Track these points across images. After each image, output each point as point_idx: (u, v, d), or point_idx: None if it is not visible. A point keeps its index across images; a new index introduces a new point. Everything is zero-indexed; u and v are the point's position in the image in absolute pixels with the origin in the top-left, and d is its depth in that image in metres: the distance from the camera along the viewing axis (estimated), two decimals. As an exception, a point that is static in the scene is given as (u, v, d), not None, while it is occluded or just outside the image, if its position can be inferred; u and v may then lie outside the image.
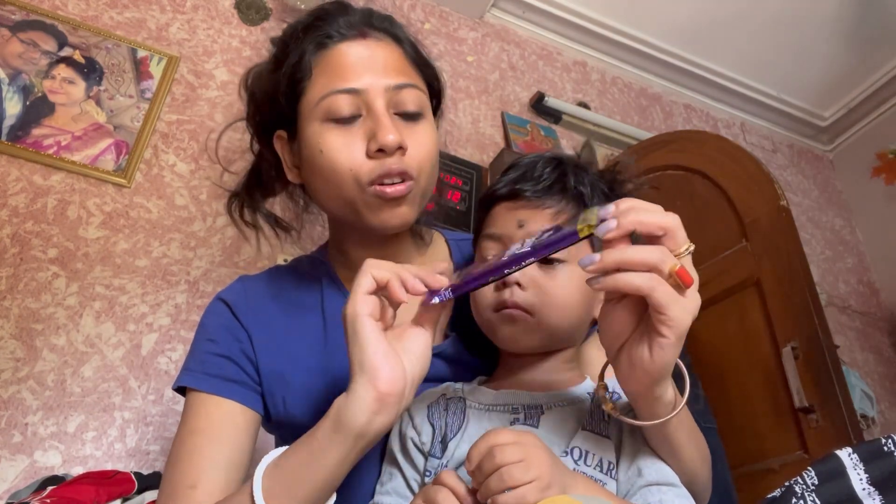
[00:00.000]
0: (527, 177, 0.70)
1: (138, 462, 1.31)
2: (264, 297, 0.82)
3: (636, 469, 0.59)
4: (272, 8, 1.93)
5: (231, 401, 0.73)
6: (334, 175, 0.72)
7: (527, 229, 0.66)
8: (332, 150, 0.72)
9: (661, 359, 0.52)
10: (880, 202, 2.66)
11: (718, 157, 1.55)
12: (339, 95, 0.72)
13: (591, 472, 0.59)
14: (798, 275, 1.31)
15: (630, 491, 0.58)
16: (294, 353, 0.77)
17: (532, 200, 0.68)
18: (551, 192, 0.68)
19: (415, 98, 0.75)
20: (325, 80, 0.74)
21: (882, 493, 0.44)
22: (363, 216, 0.73)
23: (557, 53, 2.45)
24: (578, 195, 0.69)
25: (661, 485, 0.58)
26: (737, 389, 1.38)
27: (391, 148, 0.70)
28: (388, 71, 0.74)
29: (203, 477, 0.66)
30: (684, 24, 2.42)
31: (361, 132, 0.72)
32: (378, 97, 0.72)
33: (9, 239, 1.40)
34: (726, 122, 2.73)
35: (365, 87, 0.72)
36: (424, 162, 0.74)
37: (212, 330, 0.78)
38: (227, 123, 0.96)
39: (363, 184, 0.71)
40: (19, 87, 1.53)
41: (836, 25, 2.41)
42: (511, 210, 0.69)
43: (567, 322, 0.67)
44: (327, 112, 0.72)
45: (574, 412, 0.64)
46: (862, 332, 2.47)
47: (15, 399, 1.28)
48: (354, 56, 0.75)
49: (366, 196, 0.71)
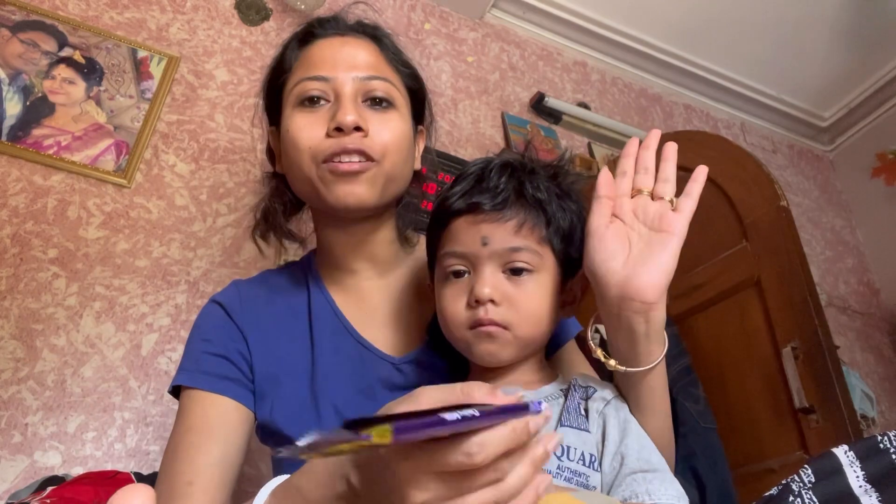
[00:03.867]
0: (482, 188, 0.68)
1: (138, 462, 1.31)
2: (257, 300, 0.83)
3: (619, 458, 0.60)
4: (272, 8, 1.93)
5: (226, 398, 0.73)
6: (296, 153, 0.75)
7: (491, 247, 0.66)
8: (297, 129, 0.75)
9: (665, 262, 0.63)
10: (880, 202, 2.66)
11: (718, 158, 1.54)
12: (309, 81, 0.77)
13: (574, 467, 0.59)
14: (798, 275, 1.30)
15: (616, 480, 0.58)
16: (285, 357, 0.77)
17: (491, 213, 0.67)
18: (510, 203, 0.67)
19: (385, 88, 0.79)
20: (301, 71, 0.79)
21: (878, 489, 0.44)
22: (321, 194, 0.75)
23: (557, 54, 2.45)
24: (537, 202, 0.68)
25: (646, 472, 0.58)
26: (737, 389, 1.38)
27: (348, 127, 0.72)
28: (359, 65, 0.79)
29: (200, 474, 0.67)
30: (685, 24, 2.42)
31: (326, 115, 0.75)
32: (346, 84, 0.76)
33: (9, 239, 1.40)
34: (726, 123, 2.73)
35: (334, 76, 0.77)
36: (388, 147, 0.75)
37: (206, 330, 0.79)
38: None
39: (318, 160, 0.73)
40: (19, 88, 1.53)
41: (837, 26, 2.41)
42: (472, 225, 0.68)
43: (540, 330, 0.68)
44: (297, 96, 0.77)
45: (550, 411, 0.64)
46: (862, 332, 2.47)
47: (15, 399, 1.28)
48: (330, 49, 0.80)
49: (321, 171, 0.73)
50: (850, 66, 2.59)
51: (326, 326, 0.80)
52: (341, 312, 0.82)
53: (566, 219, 0.70)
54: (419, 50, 2.15)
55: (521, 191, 0.68)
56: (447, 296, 0.69)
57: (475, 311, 0.66)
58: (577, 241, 0.71)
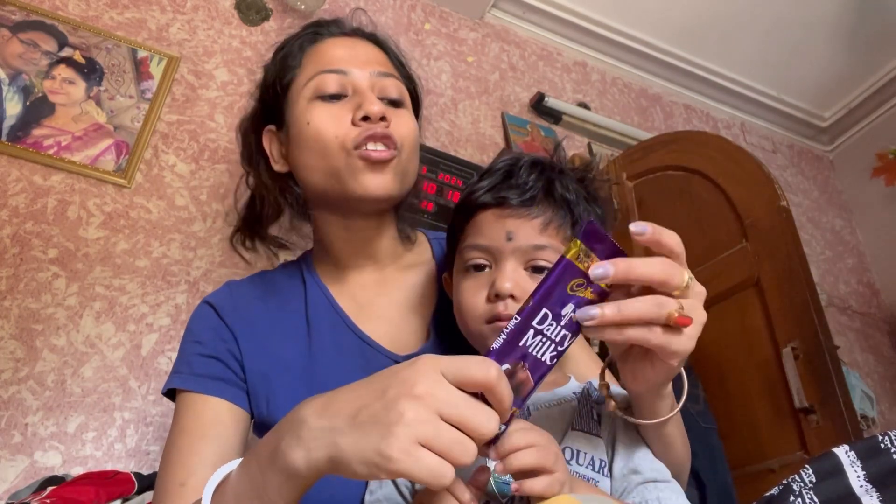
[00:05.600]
0: (511, 183, 0.68)
1: (138, 462, 1.31)
2: (250, 300, 0.83)
3: (632, 467, 0.59)
4: (272, 8, 1.93)
5: (218, 398, 0.73)
6: (320, 143, 0.75)
7: (515, 242, 0.66)
8: (320, 120, 0.76)
9: (665, 372, 0.54)
10: (880, 203, 2.66)
11: (718, 158, 1.54)
12: (328, 75, 0.78)
13: (583, 472, 0.59)
14: (798, 275, 1.30)
15: (627, 488, 0.58)
16: (279, 355, 0.77)
17: (519, 209, 0.66)
18: (538, 201, 0.67)
19: (397, 87, 0.81)
20: (314, 66, 0.80)
21: (880, 489, 0.44)
22: (346, 184, 0.74)
23: (557, 54, 2.45)
24: (565, 202, 0.68)
25: (657, 481, 0.58)
26: (737, 390, 1.38)
27: (376, 116, 0.74)
28: (372, 62, 0.80)
29: (193, 474, 0.67)
30: (684, 24, 2.42)
31: (348, 107, 0.76)
32: (363, 80, 0.78)
33: (9, 239, 1.40)
34: (726, 123, 2.73)
35: (352, 70, 0.78)
36: (406, 139, 0.77)
37: (198, 332, 0.79)
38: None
39: (348, 148, 0.74)
40: (19, 88, 1.53)
41: (837, 26, 2.41)
42: (498, 219, 0.67)
43: None
44: (315, 90, 0.78)
45: (562, 413, 0.64)
46: (862, 332, 2.47)
47: (15, 399, 1.28)
48: (342, 48, 0.81)
49: (351, 160, 0.74)
50: (850, 67, 2.59)
51: (325, 323, 0.80)
52: (341, 309, 0.82)
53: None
54: (419, 50, 2.15)
55: (549, 189, 0.68)
56: (467, 288, 0.69)
57: (494, 306, 0.65)
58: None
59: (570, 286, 0.50)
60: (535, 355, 0.49)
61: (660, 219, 1.81)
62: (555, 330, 0.50)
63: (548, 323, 0.49)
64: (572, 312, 0.50)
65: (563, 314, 0.50)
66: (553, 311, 0.49)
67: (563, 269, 0.50)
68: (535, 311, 0.49)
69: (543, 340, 0.49)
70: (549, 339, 0.49)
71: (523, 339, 0.49)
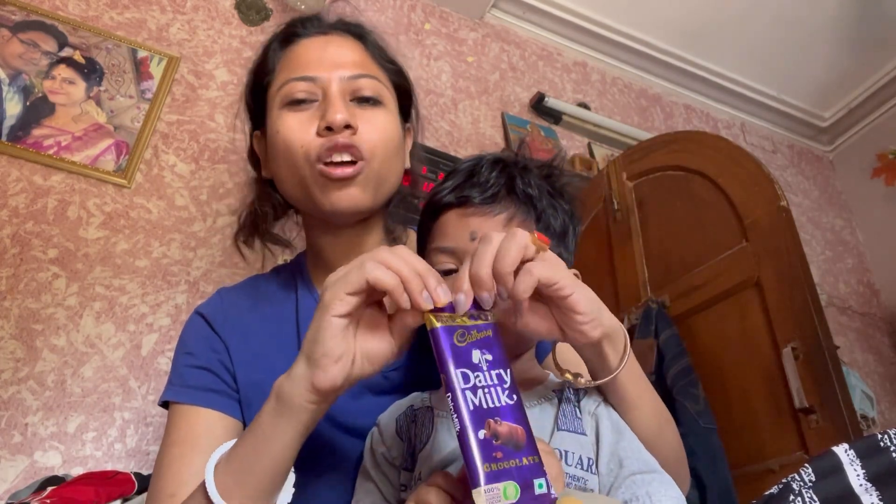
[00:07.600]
0: (473, 182, 0.68)
1: (138, 462, 1.31)
2: (242, 308, 0.82)
3: (617, 460, 0.59)
4: (272, 8, 1.93)
5: (210, 410, 0.73)
6: (288, 153, 0.75)
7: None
8: (287, 129, 0.75)
9: (569, 307, 0.56)
10: (880, 203, 2.67)
11: (718, 158, 1.54)
12: (296, 82, 0.76)
13: (573, 472, 0.59)
14: (798, 275, 1.30)
15: (615, 483, 0.58)
16: (270, 363, 0.77)
17: (481, 207, 0.66)
18: (500, 198, 0.67)
19: (372, 86, 0.78)
20: (286, 72, 0.79)
21: (879, 488, 0.44)
22: (315, 197, 0.74)
23: (557, 54, 2.45)
24: (527, 197, 0.67)
25: (644, 473, 0.57)
26: (737, 390, 1.38)
27: (338, 125, 0.72)
28: (345, 63, 0.78)
29: (183, 486, 0.66)
30: (684, 24, 2.43)
31: (315, 114, 0.75)
32: (333, 83, 0.76)
33: (9, 239, 1.40)
34: (726, 123, 2.73)
35: (320, 75, 0.76)
36: (377, 144, 0.76)
37: (190, 343, 0.79)
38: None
39: (312, 160, 0.73)
40: (19, 88, 1.53)
41: (837, 26, 2.41)
42: (461, 218, 0.67)
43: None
44: (284, 97, 0.77)
45: (545, 413, 0.64)
46: (862, 332, 2.47)
47: (15, 399, 1.28)
48: (314, 49, 0.79)
49: (314, 173, 0.73)
50: (850, 66, 2.59)
51: None
52: None
53: (558, 217, 0.69)
54: (419, 50, 2.15)
55: (511, 186, 0.67)
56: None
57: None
58: (569, 241, 0.70)
59: (455, 341, 0.50)
60: (494, 405, 0.48)
61: (660, 219, 1.82)
62: (484, 376, 0.49)
63: (473, 377, 0.49)
64: (481, 353, 0.50)
65: (476, 362, 0.50)
66: (465, 366, 0.49)
67: (438, 339, 0.50)
68: (454, 380, 0.48)
69: (486, 390, 0.49)
70: (487, 385, 0.49)
71: (469, 404, 0.47)
